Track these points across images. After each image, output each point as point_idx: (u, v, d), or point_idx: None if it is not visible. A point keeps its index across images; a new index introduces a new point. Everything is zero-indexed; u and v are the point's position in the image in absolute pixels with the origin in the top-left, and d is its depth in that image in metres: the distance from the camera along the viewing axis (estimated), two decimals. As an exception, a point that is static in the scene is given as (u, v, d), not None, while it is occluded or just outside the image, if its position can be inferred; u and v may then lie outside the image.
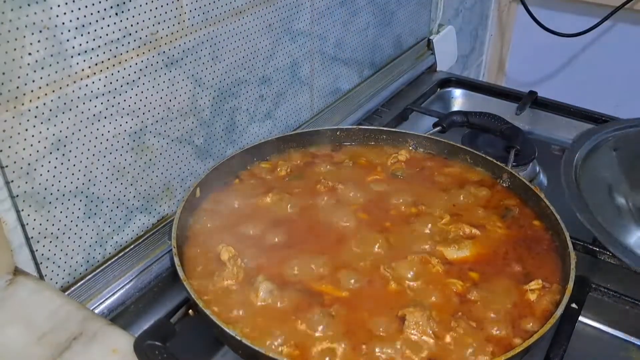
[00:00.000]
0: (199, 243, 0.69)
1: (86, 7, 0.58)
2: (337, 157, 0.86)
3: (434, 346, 0.58)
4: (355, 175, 0.82)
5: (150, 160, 0.71)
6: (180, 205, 0.69)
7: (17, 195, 0.58)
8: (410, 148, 0.88)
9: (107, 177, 0.66)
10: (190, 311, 0.61)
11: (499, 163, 0.82)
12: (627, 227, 0.74)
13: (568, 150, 0.88)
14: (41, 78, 0.56)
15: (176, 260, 0.62)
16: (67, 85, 0.59)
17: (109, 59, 0.62)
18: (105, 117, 0.64)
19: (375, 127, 0.90)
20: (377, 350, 0.57)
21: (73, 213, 0.64)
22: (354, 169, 0.83)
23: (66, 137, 0.60)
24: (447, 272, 0.66)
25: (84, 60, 0.60)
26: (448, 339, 0.58)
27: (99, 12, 0.60)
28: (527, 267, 0.68)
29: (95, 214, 0.66)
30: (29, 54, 0.55)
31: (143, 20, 0.64)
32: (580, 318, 0.70)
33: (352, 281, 0.64)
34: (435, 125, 0.97)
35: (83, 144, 0.62)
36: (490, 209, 0.77)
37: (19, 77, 0.54)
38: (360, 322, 0.60)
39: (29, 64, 0.55)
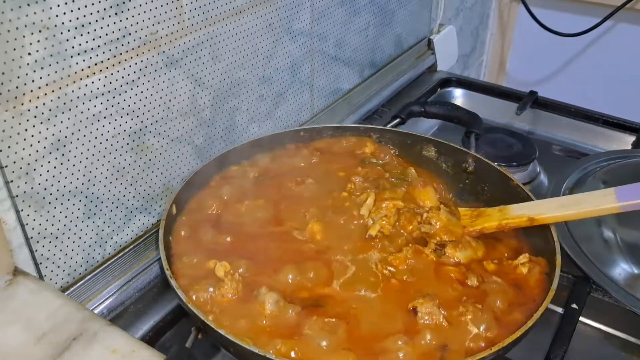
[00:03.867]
0: (189, 262, 0.65)
1: (86, 7, 0.58)
2: (303, 155, 0.84)
3: (449, 331, 0.59)
4: (326, 169, 0.81)
5: (150, 160, 0.71)
6: (162, 224, 0.66)
7: (17, 196, 0.58)
8: (375, 141, 0.87)
9: (106, 177, 0.66)
10: (199, 335, 0.61)
11: (462, 148, 0.83)
12: (615, 260, 0.74)
13: (555, 180, 0.88)
14: (41, 78, 0.56)
15: (173, 281, 0.59)
16: (67, 85, 0.59)
17: (108, 59, 0.62)
18: (105, 117, 0.64)
19: (337, 125, 0.88)
20: (399, 342, 0.57)
21: (73, 213, 0.64)
22: (323, 163, 0.82)
23: (66, 137, 0.60)
24: (440, 261, 0.67)
25: (84, 60, 0.60)
26: (460, 322, 0.59)
27: (98, 12, 0.59)
28: (510, 247, 0.70)
29: (95, 214, 0.66)
30: (29, 53, 0.55)
31: (143, 20, 0.64)
32: (581, 319, 0.70)
33: (351, 279, 0.64)
34: (394, 117, 1.00)
35: (83, 144, 0.62)
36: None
37: (18, 77, 0.54)
38: (374, 321, 0.60)
39: (28, 64, 0.55)
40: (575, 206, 0.67)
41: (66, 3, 0.56)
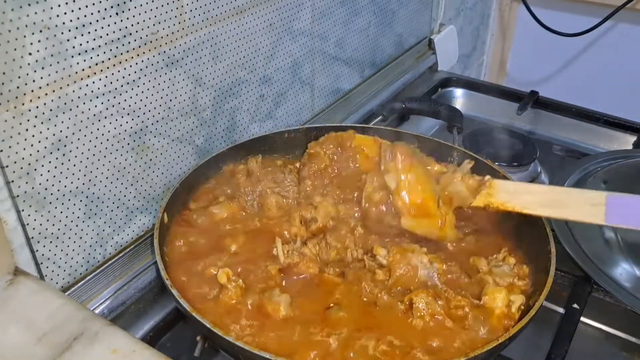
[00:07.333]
0: (185, 270, 0.66)
1: (86, 6, 0.58)
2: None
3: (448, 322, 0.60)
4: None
5: (150, 160, 0.71)
6: (155, 234, 0.65)
7: (18, 196, 0.57)
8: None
9: (107, 177, 0.66)
10: (206, 344, 0.61)
11: (447, 143, 0.83)
12: (616, 260, 0.74)
13: (556, 180, 0.87)
14: (41, 78, 0.56)
15: (175, 291, 0.59)
16: (68, 85, 0.59)
17: (109, 59, 0.62)
18: (105, 117, 0.64)
19: (320, 125, 0.87)
20: (395, 341, 0.58)
21: (73, 213, 0.64)
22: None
23: (66, 137, 0.60)
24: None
25: (84, 60, 0.60)
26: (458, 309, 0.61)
27: (99, 12, 0.59)
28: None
29: (95, 214, 0.66)
30: (29, 53, 0.54)
31: (143, 20, 0.64)
32: (582, 319, 0.70)
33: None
34: (375, 115, 1.03)
35: (83, 144, 0.62)
36: None
37: (19, 77, 0.54)
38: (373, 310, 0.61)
39: (29, 64, 0.55)
40: (561, 210, 0.65)
41: (67, 3, 0.56)
